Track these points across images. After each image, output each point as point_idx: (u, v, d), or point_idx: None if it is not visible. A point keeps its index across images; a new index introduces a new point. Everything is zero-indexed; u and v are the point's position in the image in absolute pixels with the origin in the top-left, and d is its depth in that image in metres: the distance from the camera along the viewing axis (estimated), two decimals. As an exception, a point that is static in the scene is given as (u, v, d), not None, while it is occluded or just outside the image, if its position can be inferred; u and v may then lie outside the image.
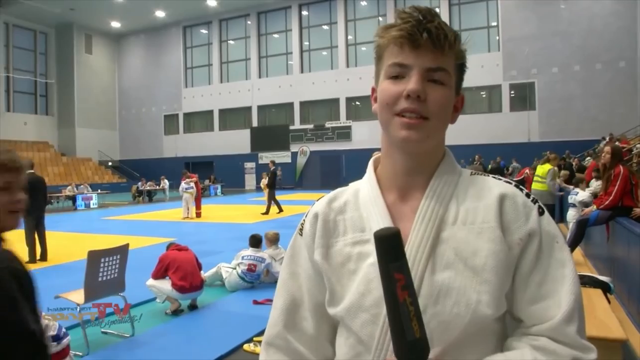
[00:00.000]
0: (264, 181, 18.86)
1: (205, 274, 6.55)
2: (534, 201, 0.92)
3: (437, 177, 0.94)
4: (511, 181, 0.96)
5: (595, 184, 9.42)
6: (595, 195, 7.48)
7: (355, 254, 0.94)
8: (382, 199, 0.96)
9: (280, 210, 15.93)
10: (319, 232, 0.99)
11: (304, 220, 1.05)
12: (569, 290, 0.87)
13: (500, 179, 0.96)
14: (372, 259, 0.90)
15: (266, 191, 18.59)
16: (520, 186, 0.95)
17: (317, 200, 1.06)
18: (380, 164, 1.01)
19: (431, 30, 0.86)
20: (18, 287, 1.22)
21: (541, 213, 0.91)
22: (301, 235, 1.04)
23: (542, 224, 0.90)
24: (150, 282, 5.52)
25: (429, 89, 0.88)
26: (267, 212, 15.83)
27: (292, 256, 1.05)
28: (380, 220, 0.93)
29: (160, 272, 5.45)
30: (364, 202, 0.98)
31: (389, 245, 0.73)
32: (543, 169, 9.77)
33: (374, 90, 0.97)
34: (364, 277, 0.91)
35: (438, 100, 0.88)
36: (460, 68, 0.94)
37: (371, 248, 0.91)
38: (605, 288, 4.04)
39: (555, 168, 9.99)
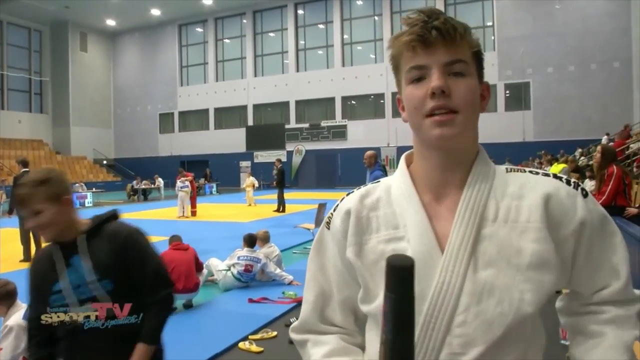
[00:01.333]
0: (249, 180, 19.06)
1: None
2: (576, 186, 0.93)
3: (474, 174, 0.94)
4: (549, 173, 0.96)
5: (590, 184, 9.47)
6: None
7: (389, 251, 0.93)
8: (417, 195, 0.95)
9: (279, 209, 16.02)
10: (352, 229, 0.98)
11: (331, 214, 1.05)
12: (622, 257, 0.95)
13: (538, 173, 0.96)
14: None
15: (248, 190, 18.84)
16: (559, 175, 0.96)
17: (347, 195, 1.05)
18: (413, 163, 1.00)
19: (439, 27, 0.87)
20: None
21: (585, 195, 0.93)
22: (329, 229, 1.04)
23: (589, 207, 0.92)
24: None
25: (452, 83, 0.89)
26: (282, 210, 16.07)
27: (320, 249, 1.06)
28: (415, 216, 0.93)
29: None
30: (397, 198, 0.98)
31: (393, 276, 0.70)
32: (557, 168, 9.71)
33: (399, 100, 0.98)
34: None
35: (463, 92, 0.89)
36: (477, 56, 0.94)
37: (406, 245, 0.91)
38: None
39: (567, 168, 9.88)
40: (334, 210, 1.04)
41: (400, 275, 0.70)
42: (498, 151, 22.98)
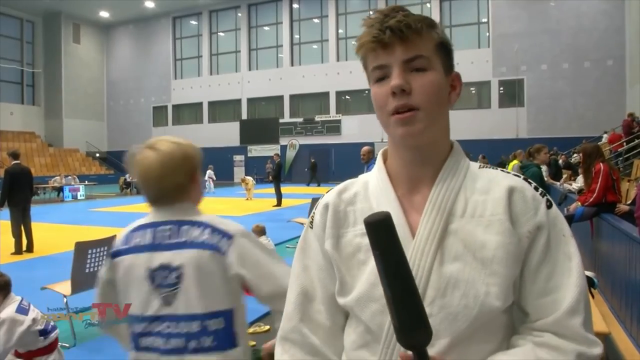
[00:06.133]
0: (249, 178, 19.26)
1: None
2: (543, 194, 0.93)
3: (445, 170, 0.95)
4: (520, 175, 0.96)
5: (582, 181, 9.51)
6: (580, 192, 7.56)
7: (365, 244, 0.93)
8: (392, 190, 0.96)
9: (279, 204, 16.02)
10: (330, 223, 1.00)
11: (314, 212, 1.06)
12: (575, 283, 0.88)
13: (509, 173, 0.96)
14: None
15: (245, 184, 18.92)
16: (529, 180, 0.96)
17: (327, 192, 1.06)
18: (388, 158, 1.02)
19: (393, 27, 0.88)
20: None
21: (549, 206, 0.92)
22: (312, 227, 1.05)
23: (550, 217, 0.91)
24: None
25: (413, 79, 0.89)
26: (279, 204, 16.04)
27: (304, 249, 1.06)
28: (390, 211, 0.94)
29: None
30: (374, 193, 0.99)
31: (371, 233, 0.75)
32: (510, 166, 9.69)
33: None
34: (375, 267, 0.90)
35: (424, 88, 0.89)
36: (442, 47, 0.94)
37: None
38: (589, 283, 4.11)
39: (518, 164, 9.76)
40: (316, 209, 1.06)
41: (378, 228, 0.75)
42: (491, 147, 23.09)
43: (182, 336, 1.47)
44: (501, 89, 26.57)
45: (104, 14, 35.18)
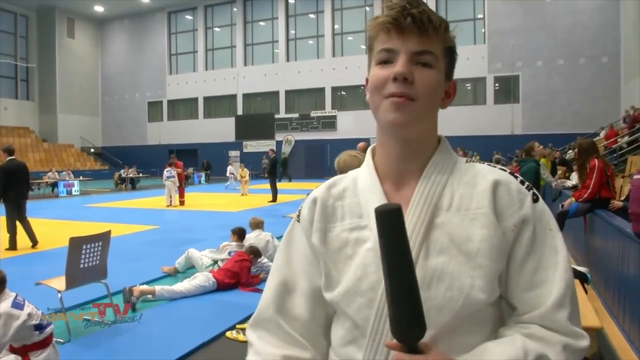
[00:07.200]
0: (244, 171, 19.20)
1: (177, 261, 6.57)
2: (529, 188, 0.93)
3: (432, 164, 0.95)
4: (506, 169, 0.97)
5: (576, 177, 9.55)
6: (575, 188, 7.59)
7: (352, 239, 0.95)
8: (379, 185, 0.97)
9: (274, 199, 16.00)
10: (317, 217, 1.00)
11: (301, 206, 1.06)
12: (561, 277, 0.88)
13: (495, 167, 0.97)
14: (370, 244, 0.92)
15: (244, 180, 18.90)
16: (515, 174, 0.96)
17: (316, 187, 1.07)
18: (377, 154, 1.02)
19: (415, 15, 0.88)
20: None
21: (535, 200, 0.92)
22: (298, 221, 1.05)
23: (535, 210, 0.91)
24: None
25: (416, 72, 0.89)
26: (274, 199, 16.04)
27: (289, 242, 1.06)
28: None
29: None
30: (362, 189, 0.99)
31: (381, 222, 0.77)
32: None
33: (367, 80, 0.98)
34: (361, 261, 0.92)
35: (425, 82, 0.89)
36: (450, 52, 0.95)
37: (368, 234, 0.93)
38: (582, 278, 4.13)
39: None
40: (304, 203, 1.06)
41: (387, 218, 0.76)
42: (486, 144, 23.17)
43: None
44: (496, 85, 26.62)
45: (99, 9, 34.96)
